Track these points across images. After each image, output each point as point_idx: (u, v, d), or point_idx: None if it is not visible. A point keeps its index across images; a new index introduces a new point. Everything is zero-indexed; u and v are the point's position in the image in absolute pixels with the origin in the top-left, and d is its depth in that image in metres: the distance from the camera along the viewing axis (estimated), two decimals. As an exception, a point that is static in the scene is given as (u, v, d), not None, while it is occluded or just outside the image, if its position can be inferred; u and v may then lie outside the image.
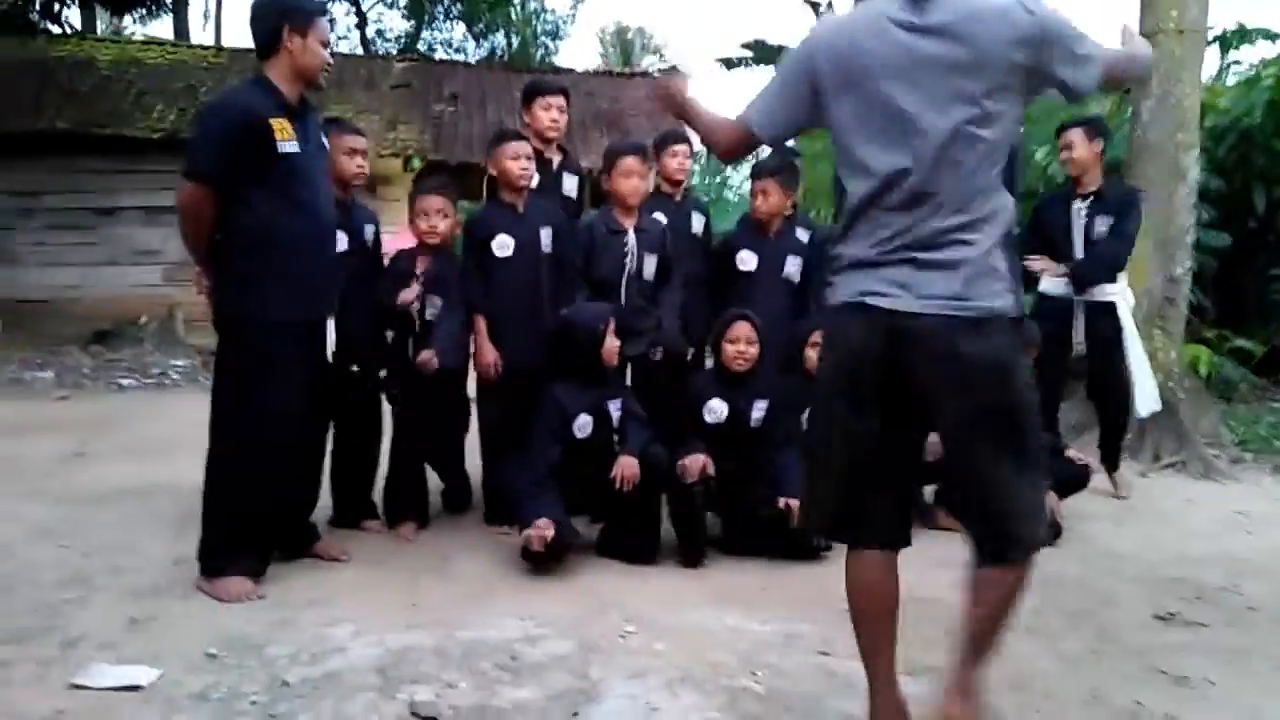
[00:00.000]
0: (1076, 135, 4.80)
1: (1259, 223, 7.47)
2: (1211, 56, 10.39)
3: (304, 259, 3.12)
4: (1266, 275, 8.01)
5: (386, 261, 3.98)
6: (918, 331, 1.92)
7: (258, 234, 3.05)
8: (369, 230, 3.89)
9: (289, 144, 3.06)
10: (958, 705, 2.08)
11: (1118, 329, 4.75)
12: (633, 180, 4.03)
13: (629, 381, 4.17)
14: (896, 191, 1.96)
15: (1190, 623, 3.11)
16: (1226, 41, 10.69)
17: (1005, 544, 1.99)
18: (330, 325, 3.33)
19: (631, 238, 4.06)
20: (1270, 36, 10.61)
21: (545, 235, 3.98)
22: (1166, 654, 2.83)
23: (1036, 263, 4.76)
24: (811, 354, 4.04)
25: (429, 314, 3.86)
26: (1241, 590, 3.47)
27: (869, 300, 1.97)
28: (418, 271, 3.86)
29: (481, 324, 3.92)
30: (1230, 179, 7.51)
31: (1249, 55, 10.66)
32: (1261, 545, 4.14)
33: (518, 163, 3.88)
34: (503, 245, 3.91)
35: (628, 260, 4.04)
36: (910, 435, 2.11)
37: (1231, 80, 9.43)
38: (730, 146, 2.27)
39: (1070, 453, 4.42)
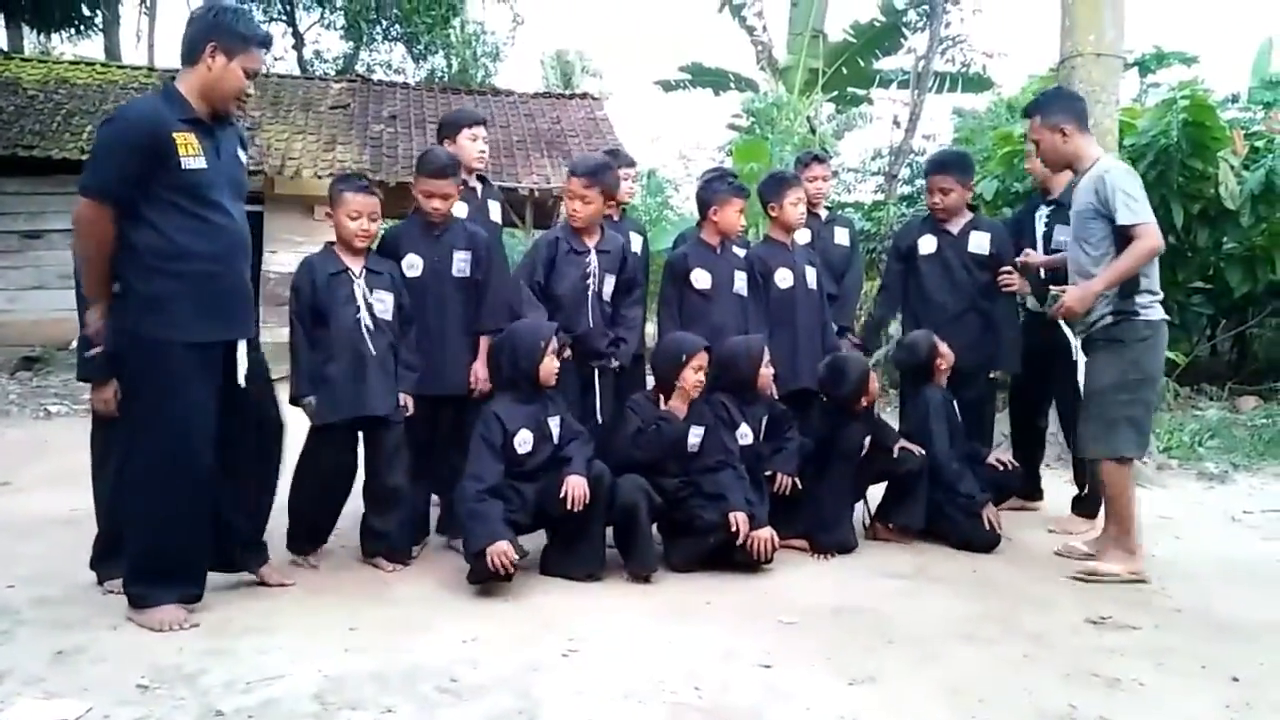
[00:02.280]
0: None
1: (1177, 238, 7.72)
2: (1131, 79, 10.80)
3: (212, 278, 3.00)
4: (1186, 289, 8.29)
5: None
6: None
7: (163, 253, 2.91)
8: None
9: (194, 159, 2.91)
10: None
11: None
12: (573, 203, 4.05)
13: (599, 394, 4.14)
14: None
15: (1121, 626, 3.19)
16: (1145, 65, 11.10)
17: None
18: (242, 347, 3.16)
19: (593, 257, 4.06)
20: (1186, 60, 11.04)
21: (460, 258, 3.90)
22: (1099, 656, 2.90)
23: (1015, 282, 4.63)
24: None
25: (378, 310, 3.64)
26: (1169, 593, 3.57)
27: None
28: (353, 268, 3.65)
29: None
30: (1149, 197, 7.76)
31: (1166, 78, 11.05)
32: (1187, 549, 4.27)
33: (431, 201, 3.87)
34: (411, 265, 3.85)
35: (590, 280, 4.04)
36: None
37: (1150, 102, 9.76)
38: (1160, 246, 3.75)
39: (992, 459, 4.52)
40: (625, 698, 2.51)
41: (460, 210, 4.10)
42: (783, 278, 4.50)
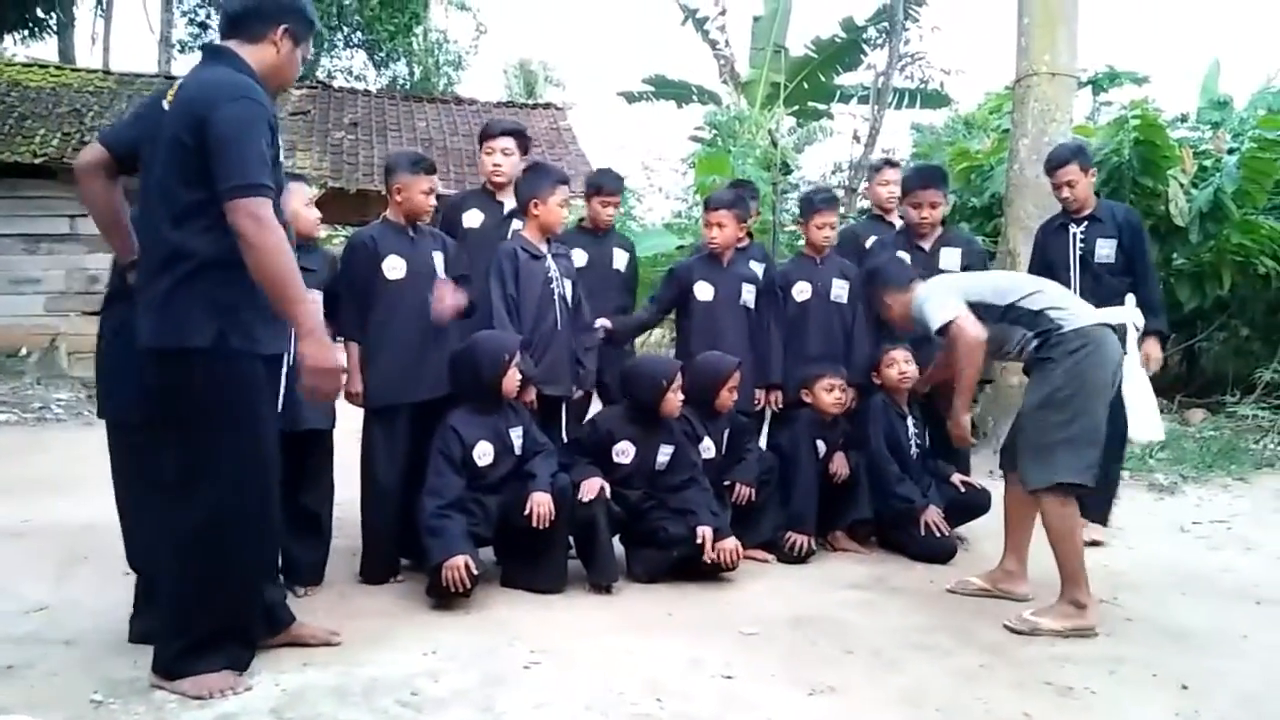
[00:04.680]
0: (1074, 171, 4.60)
1: (1129, 254, 7.88)
2: (1084, 98, 11.03)
3: None
4: (1138, 303, 8.46)
5: None
6: None
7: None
8: None
9: (279, 149, 2.55)
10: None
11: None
12: (564, 210, 4.11)
13: (564, 421, 4.14)
14: None
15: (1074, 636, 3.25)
16: (1098, 84, 11.34)
17: None
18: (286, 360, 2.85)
19: (551, 262, 4.06)
20: (1137, 80, 11.29)
21: (438, 259, 3.84)
22: (1052, 666, 2.95)
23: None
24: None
25: None
26: (1121, 602, 3.64)
27: None
28: None
29: (355, 351, 3.68)
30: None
31: (1118, 97, 11.30)
32: (1138, 559, 4.35)
33: (429, 198, 3.80)
34: (394, 267, 3.70)
35: (554, 285, 4.04)
36: None
37: (1103, 120, 9.97)
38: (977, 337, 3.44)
39: (956, 478, 4.52)
40: (587, 709, 2.51)
41: (475, 219, 4.27)
42: (800, 291, 4.61)
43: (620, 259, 4.73)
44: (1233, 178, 7.45)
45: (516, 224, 4.24)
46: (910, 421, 4.49)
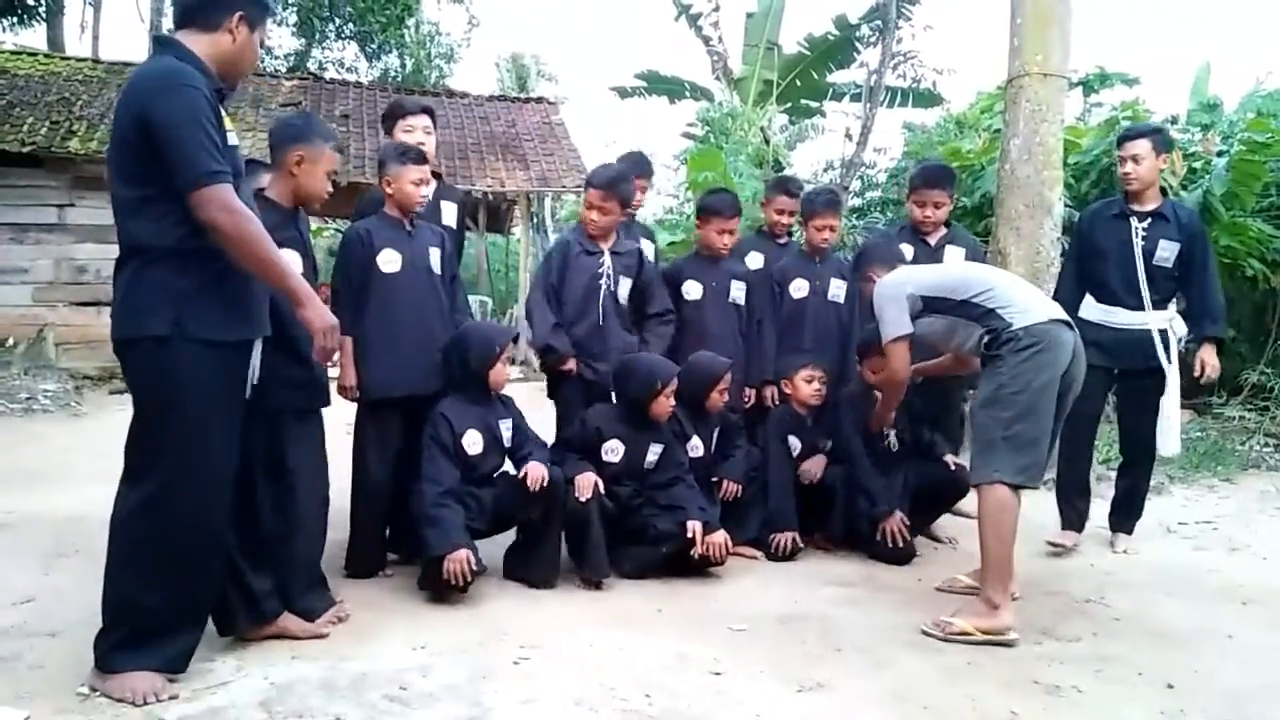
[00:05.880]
0: (1143, 146, 4.33)
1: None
2: (1075, 99, 11.06)
3: (237, 271, 2.53)
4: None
5: None
6: None
7: (197, 239, 2.42)
8: None
9: (231, 136, 2.51)
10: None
11: (1164, 361, 4.37)
12: (590, 212, 4.11)
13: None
14: None
15: (1062, 635, 3.26)
16: (1089, 85, 11.37)
17: None
18: (257, 348, 2.72)
19: (607, 259, 4.07)
20: (1128, 81, 11.33)
21: (434, 255, 3.80)
22: (1040, 665, 2.96)
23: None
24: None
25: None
26: (1108, 602, 3.66)
27: None
28: None
29: (348, 345, 3.59)
30: (1092, 213, 7.93)
31: (1109, 98, 11.33)
32: (1125, 559, 4.37)
33: (419, 189, 3.72)
34: (390, 261, 3.66)
35: (603, 281, 4.05)
36: None
37: (1094, 121, 9.99)
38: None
39: (949, 459, 4.40)
40: (576, 705, 2.51)
41: None
42: (798, 288, 4.64)
43: (647, 249, 4.71)
44: (1222, 180, 7.48)
45: (447, 206, 4.15)
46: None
